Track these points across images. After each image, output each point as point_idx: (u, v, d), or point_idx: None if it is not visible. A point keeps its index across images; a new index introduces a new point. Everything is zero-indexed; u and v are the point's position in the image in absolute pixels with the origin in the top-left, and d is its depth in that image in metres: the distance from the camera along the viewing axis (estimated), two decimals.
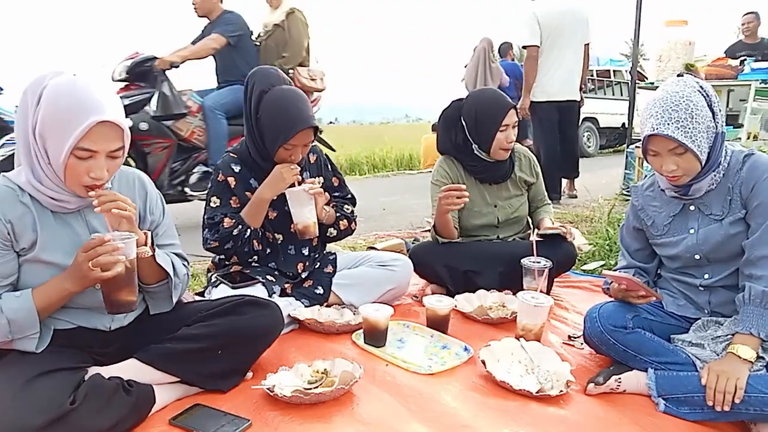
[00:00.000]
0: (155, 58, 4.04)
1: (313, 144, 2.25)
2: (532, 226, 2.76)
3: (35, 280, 1.45)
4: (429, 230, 2.69)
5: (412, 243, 3.38)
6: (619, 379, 1.70)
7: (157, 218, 1.68)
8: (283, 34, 4.52)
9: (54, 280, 1.44)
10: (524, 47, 4.87)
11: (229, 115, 4.26)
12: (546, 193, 2.79)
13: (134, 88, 4.08)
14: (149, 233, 1.56)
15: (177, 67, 4.13)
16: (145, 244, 1.51)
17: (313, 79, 4.62)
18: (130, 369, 1.53)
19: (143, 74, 4.07)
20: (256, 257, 2.22)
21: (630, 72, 5.66)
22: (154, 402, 1.52)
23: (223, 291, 2.07)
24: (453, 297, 2.27)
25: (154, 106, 4.00)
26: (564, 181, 5.30)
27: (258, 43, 4.58)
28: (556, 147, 4.88)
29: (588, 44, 4.86)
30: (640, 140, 1.70)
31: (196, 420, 1.50)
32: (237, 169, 2.16)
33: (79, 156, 1.37)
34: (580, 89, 4.96)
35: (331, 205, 2.34)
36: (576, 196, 5.31)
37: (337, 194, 2.43)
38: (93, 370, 1.49)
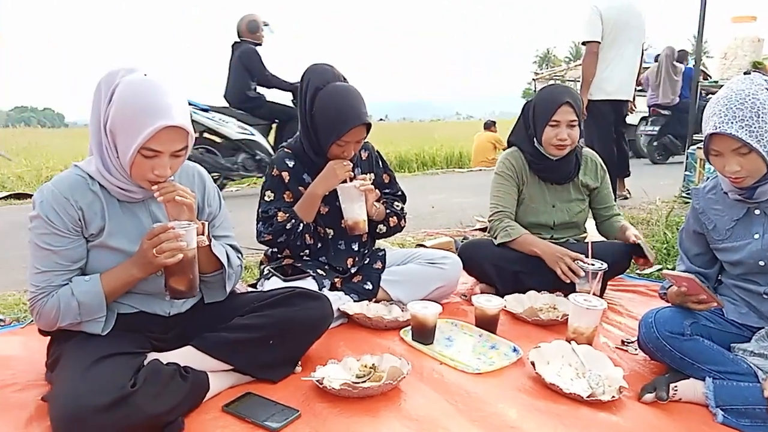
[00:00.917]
0: None
1: (365, 141, 2.27)
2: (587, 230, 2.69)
3: (102, 265, 1.53)
4: (481, 228, 2.67)
5: (462, 241, 3.37)
6: (675, 387, 1.64)
7: (214, 210, 1.74)
8: None
9: (121, 266, 1.52)
10: (584, 43, 4.69)
11: None
12: (615, 203, 2.67)
13: None
14: (206, 224, 1.62)
15: None
16: (203, 234, 1.57)
17: None
18: (187, 356, 1.59)
19: None
20: (307, 251, 2.26)
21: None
22: (208, 388, 1.57)
23: (275, 283, 2.12)
24: (502, 297, 2.25)
25: None
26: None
27: None
28: (613, 147, 4.72)
29: (643, 42, 4.67)
30: (701, 141, 1.64)
31: (248, 408, 1.54)
32: (291, 164, 2.21)
33: (144, 155, 1.43)
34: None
35: (381, 201, 2.35)
36: (627, 197, 5.15)
37: (387, 191, 2.44)
38: (152, 356, 1.56)
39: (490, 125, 10.20)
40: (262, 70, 5.57)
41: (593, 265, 2.18)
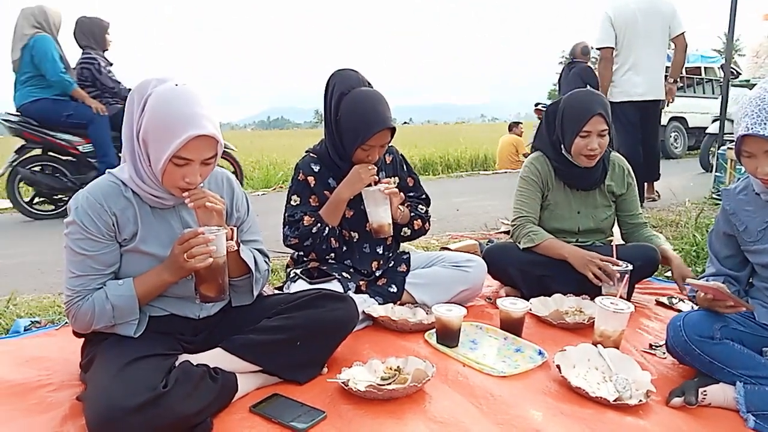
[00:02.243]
0: None
1: (390, 145, 2.29)
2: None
3: (134, 270, 1.57)
4: (506, 231, 2.66)
5: (486, 244, 3.36)
6: (705, 391, 1.62)
7: (242, 215, 1.78)
8: None
9: (153, 271, 1.56)
10: (598, 49, 4.70)
11: None
12: (641, 211, 2.61)
13: None
14: (235, 229, 1.65)
15: None
16: (232, 239, 1.60)
17: None
18: (216, 357, 1.62)
19: None
20: (332, 254, 2.28)
21: (722, 69, 5.33)
22: (237, 389, 1.60)
23: (301, 286, 2.14)
24: (527, 300, 2.24)
25: None
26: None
27: None
28: (638, 149, 4.65)
29: (681, 35, 4.57)
30: (732, 141, 1.61)
31: (275, 409, 1.56)
32: (316, 168, 2.24)
33: (176, 163, 1.47)
34: (675, 83, 4.72)
35: (405, 204, 2.36)
36: (655, 199, 5.06)
37: (411, 194, 2.46)
38: (182, 357, 1.59)
39: (513, 126, 10.05)
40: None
41: (619, 266, 2.16)
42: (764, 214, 1.69)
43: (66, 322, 2.29)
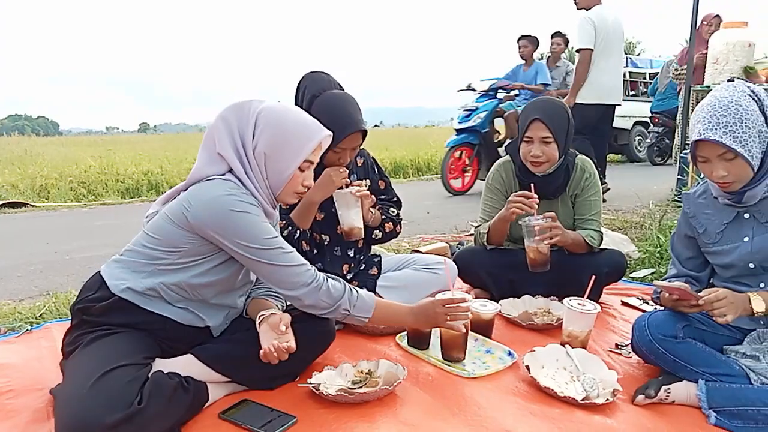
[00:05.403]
0: None
1: (361, 148, 2.29)
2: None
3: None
4: (473, 234, 2.67)
5: (457, 247, 3.38)
6: (668, 389, 1.66)
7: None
8: None
9: (399, 308, 1.79)
10: (578, 50, 5.00)
11: None
12: (596, 215, 2.44)
13: None
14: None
15: None
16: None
17: None
18: (188, 365, 1.58)
19: None
20: (303, 258, 2.27)
21: (685, 75, 5.52)
22: (208, 399, 1.58)
23: None
24: (497, 302, 2.26)
25: None
26: None
27: None
28: (590, 149, 4.89)
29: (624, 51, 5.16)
30: None
31: (245, 415, 1.54)
32: None
33: (301, 168, 1.59)
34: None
35: (377, 207, 2.37)
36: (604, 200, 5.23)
37: (383, 197, 2.46)
38: (156, 365, 1.53)
39: None
40: None
41: (539, 220, 2.17)
42: (722, 216, 1.74)
43: (27, 330, 2.23)
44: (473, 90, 6.78)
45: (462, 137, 6.45)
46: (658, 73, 12.04)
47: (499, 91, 6.52)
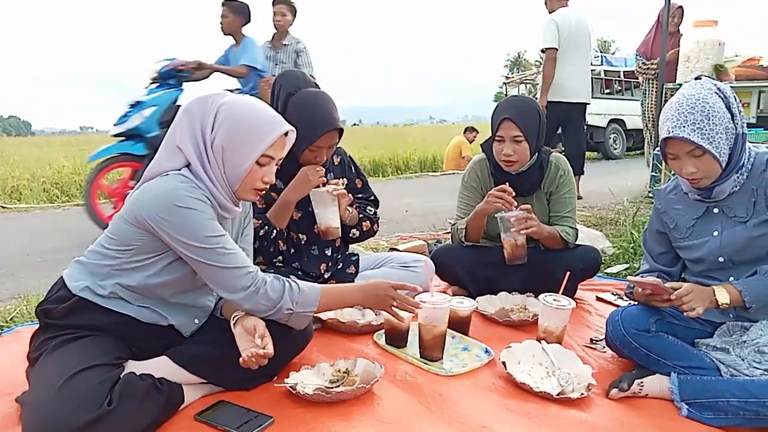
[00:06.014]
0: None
1: (338, 146, 2.28)
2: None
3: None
4: (449, 231, 2.68)
5: (435, 245, 3.39)
6: (642, 383, 1.69)
7: (249, 221, 1.82)
8: None
9: (345, 288, 1.78)
10: (544, 50, 5.10)
11: None
12: (571, 212, 2.46)
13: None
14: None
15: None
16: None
17: None
18: (162, 367, 1.56)
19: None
20: (281, 257, 2.26)
21: (650, 69, 5.64)
22: (183, 401, 1.56)
23: None
24: (474, 299, 2.27)
25: None
26: None
27: None
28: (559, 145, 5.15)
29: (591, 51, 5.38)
30: None
31: (221, 416, 1.53)
32: None
33: (260, 163, 1.54)
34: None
35: (354, 206, 2.36)
36: (580, 198, 5.30)
37: (360, 196, 2.46)
38: (128, 367, 1.51)
39: (468, 131, 9.95)
40: None
41: (514, 211, 2.19)
42: (692, 211, 1.78)
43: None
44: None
45: (119, 146, 4.31)
46: (632, 71, 12.25)
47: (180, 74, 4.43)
